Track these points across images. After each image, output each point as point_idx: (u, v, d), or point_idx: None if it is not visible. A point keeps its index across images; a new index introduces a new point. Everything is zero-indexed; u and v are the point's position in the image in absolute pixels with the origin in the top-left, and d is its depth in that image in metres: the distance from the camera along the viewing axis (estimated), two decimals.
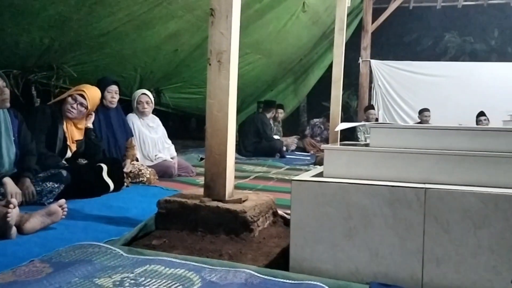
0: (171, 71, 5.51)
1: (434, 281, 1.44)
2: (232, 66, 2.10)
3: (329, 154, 1.70)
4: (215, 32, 2.10)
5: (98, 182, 2.94)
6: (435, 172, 1.55)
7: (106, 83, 3.56)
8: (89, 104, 3.04)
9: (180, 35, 4.75)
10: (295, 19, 6.29)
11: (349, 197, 1.52)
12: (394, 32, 11.09)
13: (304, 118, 11.21)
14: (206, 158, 2.18)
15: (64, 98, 3.05)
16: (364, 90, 8.79)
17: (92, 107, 3.11)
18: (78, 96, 3.02)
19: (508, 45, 11.20)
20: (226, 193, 2.09)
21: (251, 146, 6.43)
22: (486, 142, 1.60)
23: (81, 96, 3.02)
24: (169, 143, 4.16)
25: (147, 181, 3.52)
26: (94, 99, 3.11)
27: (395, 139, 1.68)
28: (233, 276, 1.48)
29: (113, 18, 3.88)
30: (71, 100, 3.01)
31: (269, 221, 2.20)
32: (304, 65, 8.60)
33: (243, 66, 6.01)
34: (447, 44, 11.56)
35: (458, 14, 10.63)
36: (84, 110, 3.04)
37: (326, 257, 1.55)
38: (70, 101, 3.00)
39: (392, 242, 1.48)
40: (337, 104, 4.91)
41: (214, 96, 2.11)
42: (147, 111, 3.99)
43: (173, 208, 2.07)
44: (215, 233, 1.97)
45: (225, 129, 2.10)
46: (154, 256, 1.63)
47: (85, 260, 1.57)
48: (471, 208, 1.41)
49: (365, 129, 7.16)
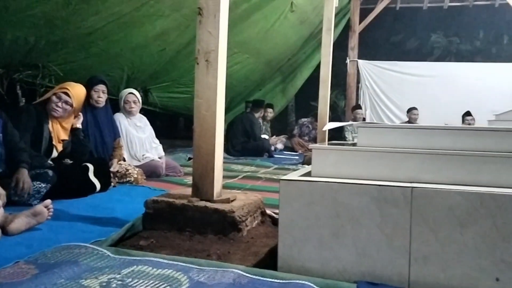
0: (158, 70, 5.48)
1: (420, 280, 1.45)
2: (220, 65, 2.09)
3: (317, 153, 1.70)
4: (203, 31, 2.10)
5: (84, 182, 2.91)
6: (422, 171, 1.57)
7: (94, 82, 3.54)
8: (74, 101, 3.00)
9: (168, 34, 4.73)
10: (283, 19, 6.30)
11: (336, 196, 1.53)
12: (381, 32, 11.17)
13: (292, 118, 11.24)
14: (194, 157, 2.17)
15: (48, 97, 3.00)
16: (351, 90, 8.85)
17: (77, 104, 3.07)
18: (63, 94, 2.98)
19: (493, 46, 11.35)
20: (214, 193, 2.08)
21: (239, 145, 6.42)
22: (471, 142, 1.62)
23: (66, 94, 2.98)
24: (157, 143, 4.14)
25: (134, 181, 3.50)
26: (79, 96, 3.07)
27: (382, 139, 1.70)
28: (221, 276, 1.47)
29: (100, 17, 3.85)
30: (56, 98, 2.97)
31: (258, 221, 2.20)
32: (292, 64, 8.63)
33: (231, 65, 6.00)
34: (433, 45, 11.68)
35: (444, 15, 10.75)
36: (69, 108, 3.00)
37: (314, 256, 1.55)
38: (54, 100, 2.96)
39: (379, 241, 1.49)
40: (325, 103, 4.93)
41: (202, 96, 2.10)
42: (134, 110, 3.96)
43: (161, 208, 2.06)
44: (203, 233, 1.96)
45: (213, 128, 2.09)
46: (142, 257, 1.62)
47: (71, 261, 1.55)
48: (457, 206, 1.43)
49: (352, 129, 7.20)
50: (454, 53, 11.46)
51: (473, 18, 10.85)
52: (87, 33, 3.98)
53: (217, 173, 2.11)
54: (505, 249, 1.39)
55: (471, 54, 11.28)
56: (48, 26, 3.62)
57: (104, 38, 4.19)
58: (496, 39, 11.32)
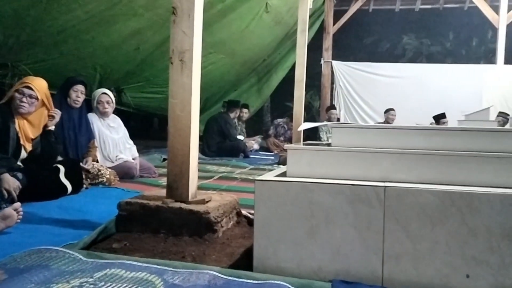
0: (132, 70, 5.41)
1: (393, 277, 1.48)
2: (195, 65, 2.08)
3: (292, 153, 1.71)
4: (177, 31, 2.08)
5: (55, 184, 2.84)
6: (394, 171, 1.59)
7: (73, 81, 3.51)
8: (38, 94, 2.91)
9: (142, 33, 4.68)
10: (258, 20, 6.32)
11: (311, 196, 1.54)
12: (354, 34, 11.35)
13: (268, 118, 11.28)
14: (168, 158, 2.15)
15: (11, 95, 2.91)
16: (326, 90, 8.95)
17: (43, 96, 2.97)
18: (25, 89, 2.88)
19: (462, 48, 11.67)
20: (189, 194, 2.07)
21: (215, 146, 6.40)
22: (442, 142, 1.66)
23: (28, 88, 2.90)
24: (131, 144, 4.08)
25: (107, 182, 3.44)
26: (42, 88, 2.97)
27: (356, 139, 1.72)
28: (196, 277, 1.46)
29: (71, 15, 3.77)
30: (19, 94, 2.87)
31: (233, 222, 2.19)
32: (267, 65, 8.66)
33: (206, 65, 5.98)
34: (405, 46, 11.93)
35: (416, 17, 11.00)
36: (35, 101, 2.90)
37: (289, 256, 1.56)
38: (17, 96, 2.87)
39: (353, 240, 1.51)
40: (300, 104, 4.96)
41: (177, 96, 2.09)
42: (107, 111, 3.88)
43: (135, 210, 2.03)
44: (178, 235, 1.95)
45: (188, 129, 2.08)
46: (115, 260, 1.59)
47: (41, 265, 1.51)
48: (429, 205, 1.45)
49: (327, 129, 7.28)
50: (425, 55, 11.73)
51: (443, 21, 11.14)
52: (58, 32, 3.90)
53: (192, 174, 2.09)
54: (475, 246, 1.42)
55: (441, 55, 11.58)
56: (18, 24, 3.53)
57: (76, 37, 4.11)
58: (466, 41, 11.65)
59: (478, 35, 11.38)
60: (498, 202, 1.41)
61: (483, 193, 1.43)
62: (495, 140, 1.63)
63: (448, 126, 2.53)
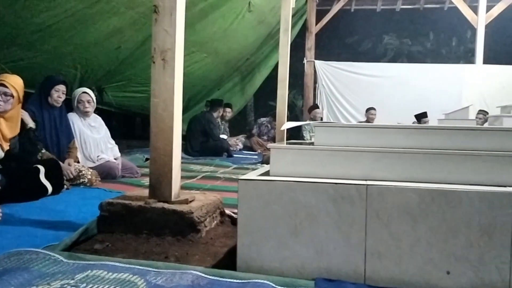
0: (113, 69, 5.35)
1: (376, 274, 1.49)
2: (177, 64, 2.07)
3: (275, 153, 1.71)
4: (159, 30, 2.06)
5: (35, 184, 2.79)
6: (376, 169, 1.61)
7: (54, 81, 3.44)
8: (14, 91, 2.85)
9: (123, 32, 4.63)
10: (241, 19, 6.31)
11: (294, 195, 1.54)
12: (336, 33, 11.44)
13: (251, 117, 11.30)
14: (151, 158, 2.13)
15: None
16: (309, 90, 8.99)
17: (20, 93, 2.91)
18: (0, 87, 2.82)
19: (442, 48, 11.86)
20: (172, 194, 2.06)
21: (198, 145, 6.37)
22: (423, 140, 1.69)
23: (2, 86, 2.83)
24: (113, 143, 4.04)
25: (88, 182, 3.40)
26: (18, 85, 2.91)
27: (339, 138, 1.73)
28: (180, 278, 1.45)
29: (51, 13, 3.71)
30: None
31: (217, 221, 2.19)
32: (250, 64, 8.66)
33: (189, 64, 5.95)
34: (386, 46, 12.07)
35: (397, 18, 11.14)
36: (11, 98, 2.84)
37: (273, 255, 1.56)
38: None
39: (336, 238, 1.52)
40: (283, 103, 4.98)
41: (159, 95, 2.07)
42: (88, 110, 3.83)
43: (117, 210, 2.01)
44: (161, 235, 1.93)
45: (170, 128, 2.06)
46: (96, 261, 1.57)
47: (21, 267, 1.48)
48: (409, 203, 1.47)
49: (310, 128, 7.31)
50: (406, 54, 11.89)
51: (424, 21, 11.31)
52: (37, 30, 3.83)
53: (175, 173, 2.08)
54: (455, 243, 1.45)
55: (422, 55, 11.75)
56: None
57: (56, 35, 4.05)
58: (445, 41, 11.85)
59: (458, 35, 11.59)
60: (477, 199, 1.44)
61: (462, 191, 1.45)
62: (474, 139, 1.67)
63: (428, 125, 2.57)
